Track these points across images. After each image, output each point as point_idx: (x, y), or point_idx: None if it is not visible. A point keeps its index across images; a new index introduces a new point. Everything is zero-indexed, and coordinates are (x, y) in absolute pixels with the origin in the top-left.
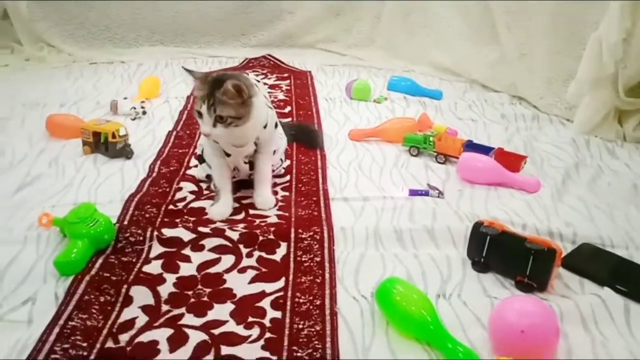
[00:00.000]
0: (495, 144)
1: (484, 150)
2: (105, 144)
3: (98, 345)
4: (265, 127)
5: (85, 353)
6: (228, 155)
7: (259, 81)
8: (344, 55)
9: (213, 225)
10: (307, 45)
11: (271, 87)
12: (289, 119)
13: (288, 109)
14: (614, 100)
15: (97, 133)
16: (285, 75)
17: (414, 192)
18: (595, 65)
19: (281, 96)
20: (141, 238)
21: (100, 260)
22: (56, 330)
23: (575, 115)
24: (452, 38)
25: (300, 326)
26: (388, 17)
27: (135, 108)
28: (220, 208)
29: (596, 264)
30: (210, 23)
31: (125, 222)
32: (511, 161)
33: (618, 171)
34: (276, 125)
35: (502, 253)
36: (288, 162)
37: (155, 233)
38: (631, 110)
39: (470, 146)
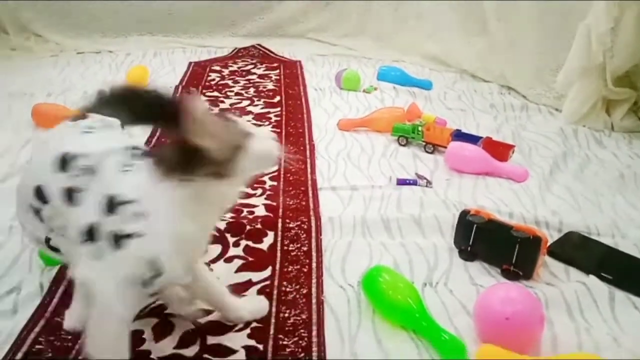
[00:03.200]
0: (483, 133)
1: (472, 139)
2: None
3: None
4: None
5: (69, 344)
6: None
7: None
8: (335, 45)
9: None
10: (297, 35)
11: (260, 77)
12: (278, 109)
13: (277, 98)
14: (602, 90)
15: None
16: (275, 65)
17: (402, 182)
18: (584, 55)
19: (270, 86)
20: None
21: None
22: (42, 322)
23: (563, 105)
24: (442, 28)
25: (287, 315)
26: (378, 7)
27: None
28: None
29: (582, 252)
30: (199, 12)
31: None
32: (499, 150)
33: (605, 160)
34: None
35: (488, 241)
36: None
37: None
38: (619, 100)
39: (459, 135)
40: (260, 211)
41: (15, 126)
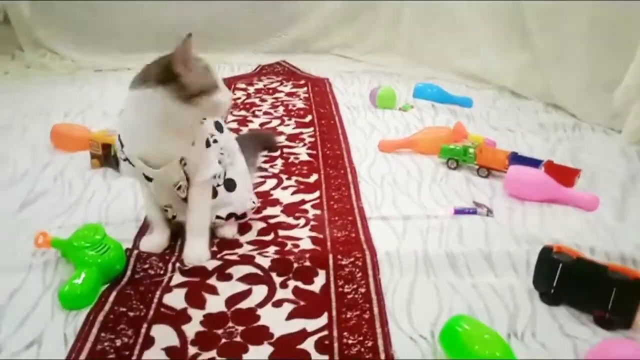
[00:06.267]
0: (537, 156)
1: (533, 163)
2: (116, 157)
3: None
4: (193, 143)
5: None
6: (150, 179)
7: None
8: (361, 62)
9: (241, 252)
10: (321, 50)
11: (288, 94)
12: (311, 129)
13: (309, 118)
14: None
15: (107, 145)
16: (302, 82)
17: (459, 211)
18: None
19: (300, 104)
20: (162, 271)
21: (114, 293)
22: None
23: (623, 124)
24: (479, 42)
25: None
26: (408, 21)
27: None
28: (152, 239)
29: None
30: (220, 28)
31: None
32: (564, 175)
33: None
34: (208, 144)
35: (577, 284)
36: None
37: (177, 265)
38: None
39: (516, 158)
40: (306, 244)
41: (32, 149)
